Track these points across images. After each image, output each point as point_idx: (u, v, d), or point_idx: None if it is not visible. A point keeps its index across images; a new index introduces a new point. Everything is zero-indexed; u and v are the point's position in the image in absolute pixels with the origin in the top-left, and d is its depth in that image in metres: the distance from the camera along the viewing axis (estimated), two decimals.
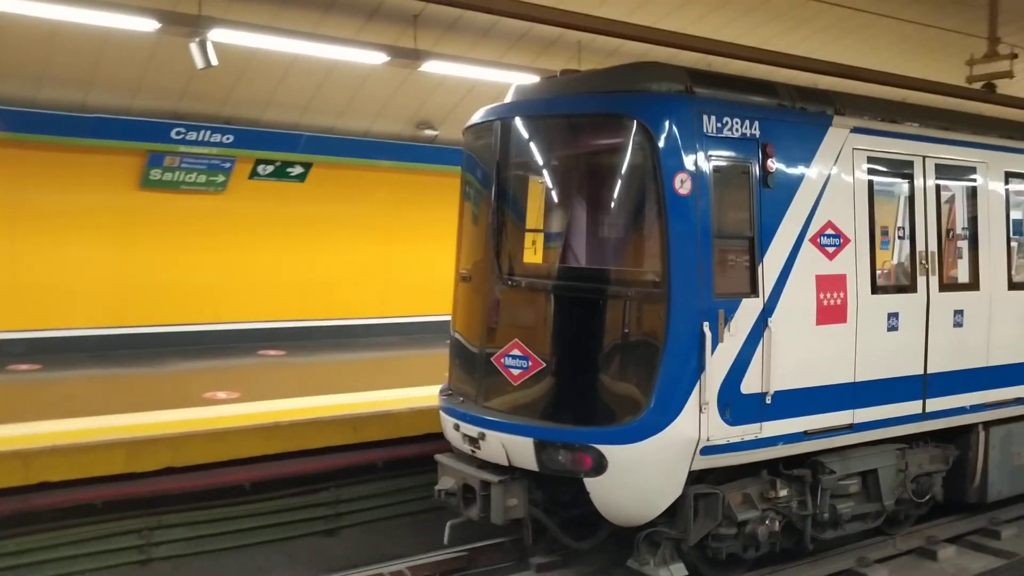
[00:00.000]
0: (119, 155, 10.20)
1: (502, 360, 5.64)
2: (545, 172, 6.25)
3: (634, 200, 5.56)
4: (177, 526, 6.66)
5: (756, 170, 5.47)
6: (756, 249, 5.46)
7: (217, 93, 9.84)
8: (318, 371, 10.03)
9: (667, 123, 5.19)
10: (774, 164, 5.49)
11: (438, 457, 6.15)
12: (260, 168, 10.96)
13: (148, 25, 7.41)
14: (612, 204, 5.79)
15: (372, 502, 7.58)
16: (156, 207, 10.69)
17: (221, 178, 10.82)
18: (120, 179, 10.42)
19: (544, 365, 5.47)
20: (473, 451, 5.72)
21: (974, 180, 6.97)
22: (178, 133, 10.12)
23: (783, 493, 5.75)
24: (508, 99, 6.07)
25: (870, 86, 10.25)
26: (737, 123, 5.39)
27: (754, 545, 5.73)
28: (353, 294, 12.00)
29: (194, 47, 7.55)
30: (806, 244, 5.70)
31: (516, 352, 5.58)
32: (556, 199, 6.28)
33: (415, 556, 6.41)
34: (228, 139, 10.39)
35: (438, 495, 5.90)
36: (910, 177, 6.48)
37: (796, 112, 5.89)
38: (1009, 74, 9.42)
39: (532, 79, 9.02)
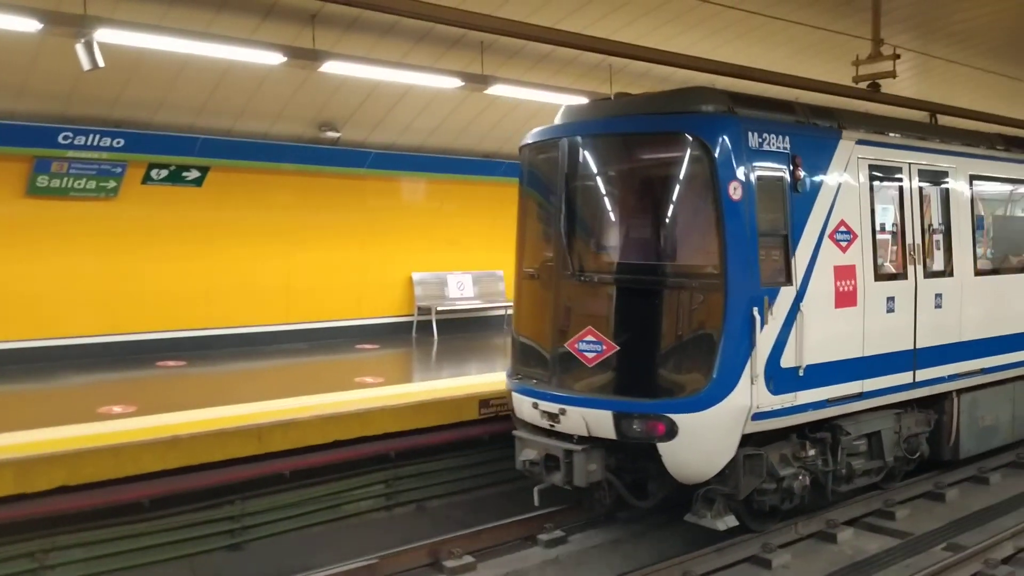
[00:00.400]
0: (3, 161, 9.70)
1: (576, 345, 6.60)
2: (611, 182, 7.13)
3: (695, 205, 6.56)
4: (74, 547, 6.41)
5: (788, 178, 6.49)
6: (789, 245, 6.50)
7: (106, 95, 9.45)
8: (220, 381, 9.74)
9: (721, 139, 6.14)
10: (801, 173, 6.52)
11: (516, 433, 7.01)
12: (154, 173, 10.57)
13: (30, 25, 7.06)
14: (674, 208, 6.70)
15: (279, 514, 7.43)
16: (44, 215, 10.20)
17: (112, 184, 10.39)
18: (5, 186, 9.91)
19: (618, 348, 6.42)
20: (552, 425, 6.61)
21: (946, 183, 8.21)
22: (66, 137, 9.69)
23: (811, 453, 6.85)
24: (560, 119, 7.12)
25: (763, 86, 10.58)
26: (773, 138, 6.40)
27: (790, 498, 6.76)
28: (256, 301, 11.69)
29: (80, 48, 7.22)
30: (825, 240, 6.76)
31: (590, 338, 6.52)
32: (622, 205, 7.12)
33: (324, 568, 6.29)
34: (119, 143, 9.99)
35: (522, 465, 6.78)
36: (900, 181, 7.61)
37: (813, 127, 6.96)
38: (892, 74, 9.84)
39: (451, 82, 9.04)
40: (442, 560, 6.57)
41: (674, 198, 6.62)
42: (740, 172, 6.15)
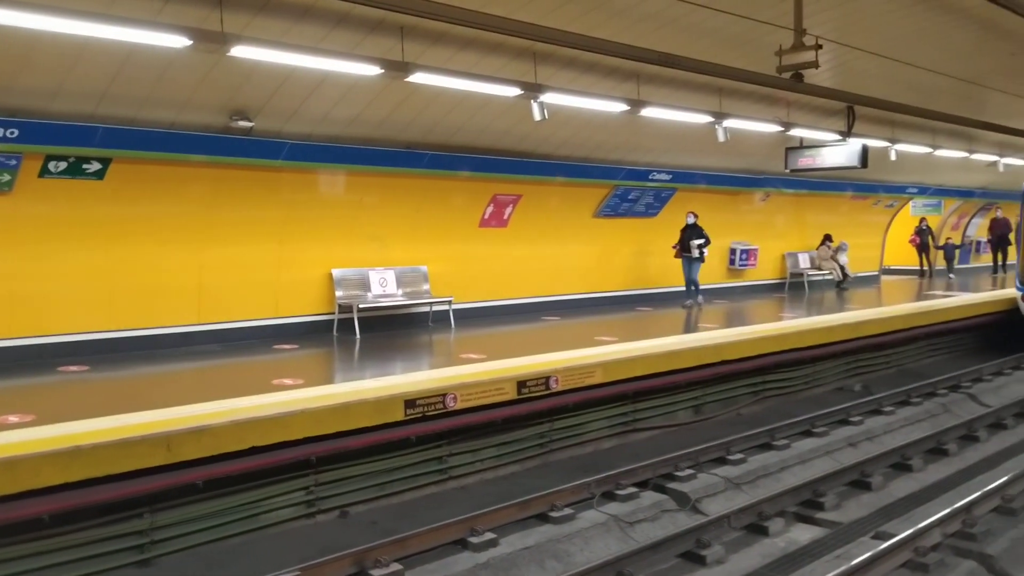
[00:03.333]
0: None
1: None
2: None
3: None
4: None
5: None
6: None
7: None
8: (126, 386, 9.19)
9: None
10: None
11: None
12: (51, 165, 9.88)
13: None
14: None
15: (192, 526, 6.99)
16: None
17: (7, 177, 9.68)
18: None
19: None
20: None
21: None
22: None
23: None
24: None
25: (688, 74, 10.53)
26: None
27: None
28: (164, 300, 11.09)
29: None
30: None
31: None
32: None
33: None
34: (13, 133, 9.29)
35: None
36: None
37: None
38: (815, 64, 9.90)
39: (370, 69, 8.66)
40: (368, 568, 6.31)
41: None
42: None
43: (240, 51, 8.04)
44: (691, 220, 16.18)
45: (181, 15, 7.87)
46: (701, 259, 16.23)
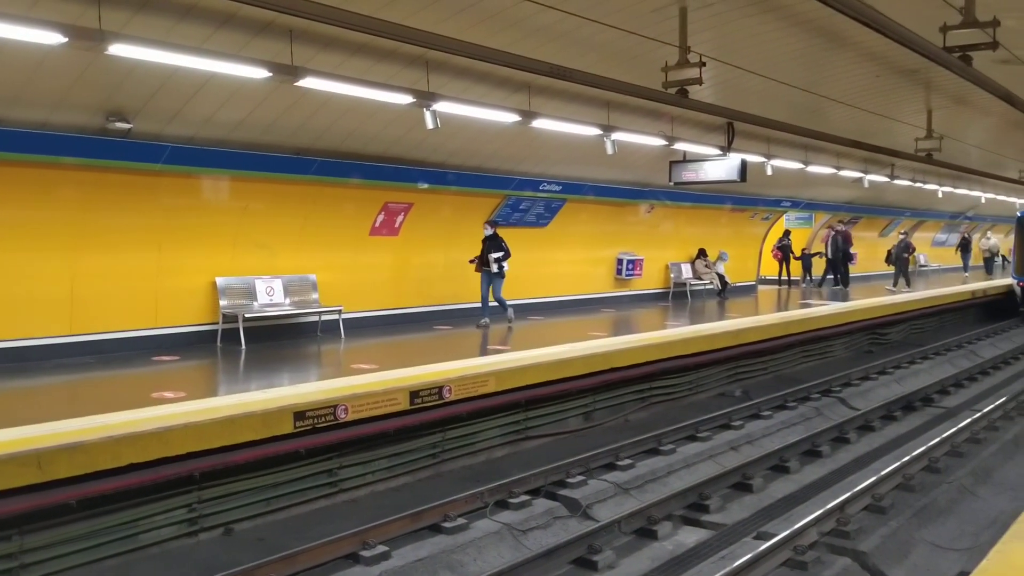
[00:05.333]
0: None
1: None
2: None
3: None
4: None
5: None
6: None
7: None
8: None
9: None
10: None
11: None
12: None
13: None
14: None
15: (66, 548, 6.60)
16: None
17: None
18: None
19: None
20: None
21: None
22: None
23: None
24: None
25: (580, 87, 10.72)
26: None
27: None
28: (33, 311, 10.44)
29: None
30: None
31: None
32: None
33: None
34: None
35: None
36: None
37: None
38: (699, 81, 10.24)
39: (257, 71, 8.41)
40: None
41: None
42: None
43: (118, 49, 7.68)
44: (489, 232, 14.68)
45: (56, 11, 7.47)
46: (501, 274, 14.68)
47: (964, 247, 32.22)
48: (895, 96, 15.66)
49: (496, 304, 14.95)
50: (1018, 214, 25.77)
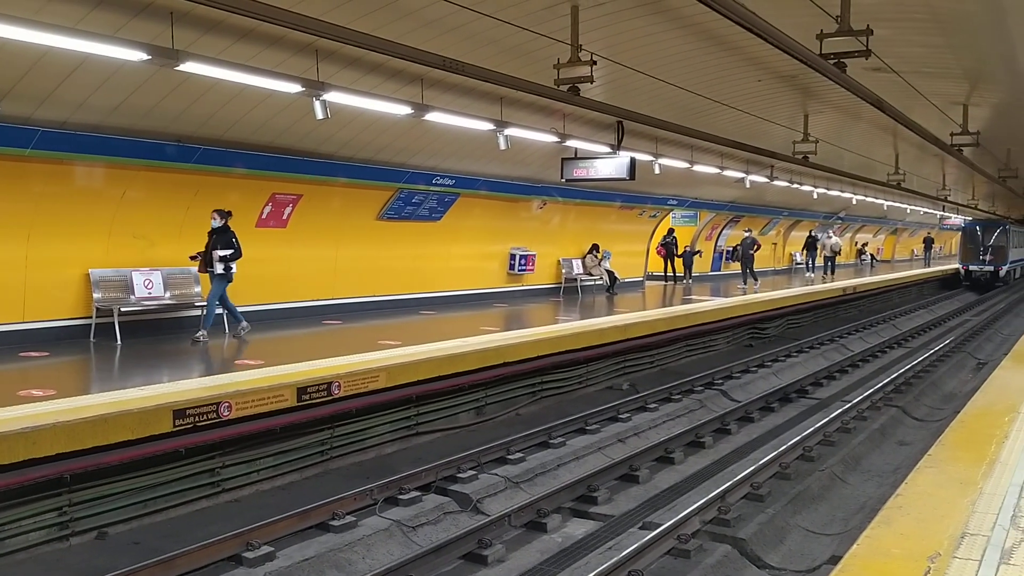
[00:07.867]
0: None
1: None
2: None
3: None
4: None
5: None
6: None
7: None
8: None
9: None
10: None
11: None
12: None
13: None
14: None
15: None
16: None
17: None
18: None
19: None
20: None
21: None
22: None
23: None
24: None
25: (473, 81, 10.70)
26: None
27: None
28: None
29: None
30: None
31: None
32: None
33: None
34: None
35: None
36: None
37: None
38: (589, 79, 10.38)
39: (135, 54, 8.00)
40: None
41: None
42: None
43: None
44: (217, 223, 11.69)
45: None
46: (228, 277, 11.79)
47: (810, 246, 33.11)
48: (775, 100, 16.30)
49: (225, 312, 12.37)
50: (963, 225, 40.13)
